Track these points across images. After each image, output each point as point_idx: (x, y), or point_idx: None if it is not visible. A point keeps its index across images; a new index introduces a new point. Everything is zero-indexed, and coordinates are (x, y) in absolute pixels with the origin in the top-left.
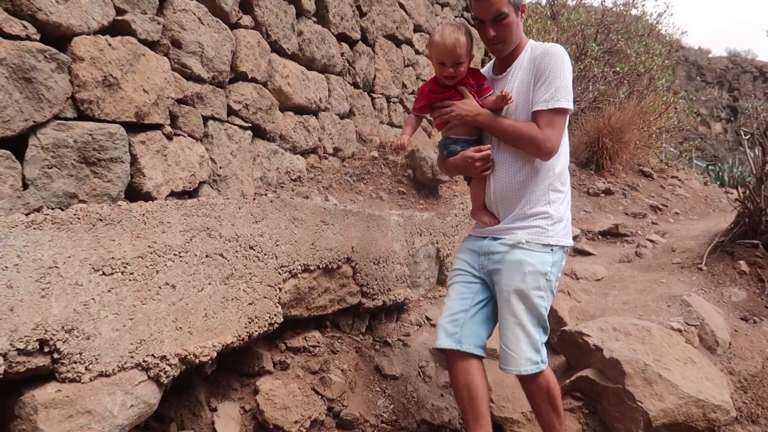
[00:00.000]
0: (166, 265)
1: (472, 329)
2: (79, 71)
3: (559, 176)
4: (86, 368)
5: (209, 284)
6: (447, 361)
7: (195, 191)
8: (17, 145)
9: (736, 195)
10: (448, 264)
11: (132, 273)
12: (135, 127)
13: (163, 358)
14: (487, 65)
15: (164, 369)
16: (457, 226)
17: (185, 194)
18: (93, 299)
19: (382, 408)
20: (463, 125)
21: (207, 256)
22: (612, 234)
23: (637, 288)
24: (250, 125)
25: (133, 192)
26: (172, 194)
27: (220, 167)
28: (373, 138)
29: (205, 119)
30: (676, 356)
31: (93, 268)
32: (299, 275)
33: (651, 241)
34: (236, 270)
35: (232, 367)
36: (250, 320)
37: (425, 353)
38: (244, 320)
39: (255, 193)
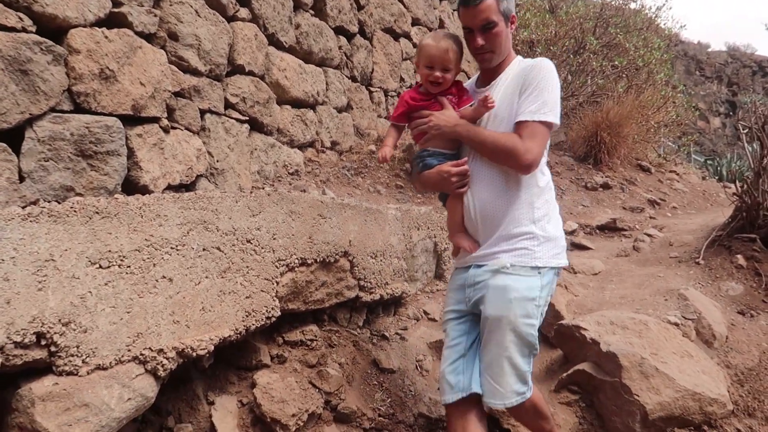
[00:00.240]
0: (163, 259)
1: (475, 375)
2: (76, 63)
3: (544, 193)
4: (83, 361)
5: (206, 278)
6: (446, 413)
7: (192, 185)
8: (13, 138)
9: (734, 189)
10: (446, 258)
11: (129, 266)
12: (132, 120)
13: (161, 352)
14: (471, 80)
15: (161, 362)
16: None
17: (182, 187)
18: (90, 292)
19: (380, 402)
20: (441, 137)
21: (204, 250)
22: (610, 228)
23: (635, 282)
24: (248, 119)
25: (130, 185)
26: (169, 187)
27: (218, 161)
28: (371, 132)
29: (203, 112)
30: (673, 350)
31: (90, 261)
32: (296, 269)
33: (649, 236)
34: (233, 263)
35: (230, 361)
36: (248, 314)
37: (422, 347)
38: (242, 314)
39: (252, 187)
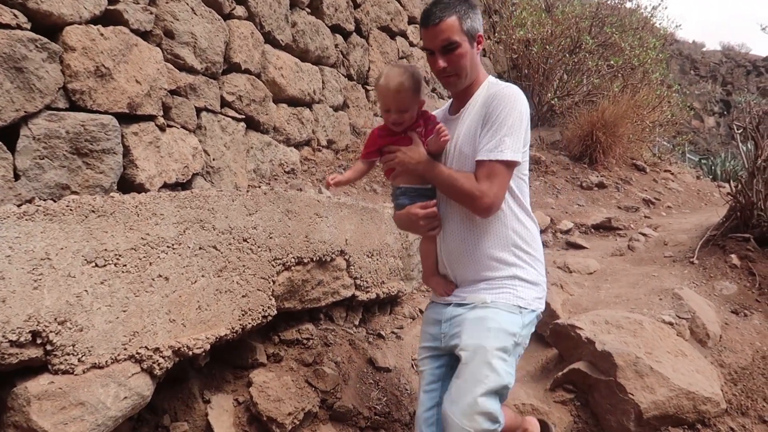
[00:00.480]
0: (160, 257)
1: None
2: (71, 61)
3: (522, 233)
4: (79, 360)
5: (203, 276)
6: None
7: (188, 183)
8: (9, 136)
9: (729, 189)
10: None
11: (125, 265)
12: (127, 118)
13: (157, 350)
14: (445, 105)
15: (158, 361)
16: None
17: (178, 186)
18: (86, 291)
19: (376, 400)
20: (408, 173)
21: (200, 249)
22: (605, 227)
23: (630, 281)
24: (244, 117)
25: (126, 183)
26: (165, 186)
27: (214, 159)
28: (367, 130)
29: (198, 111)
30: (668, 349)
31: (86, 260)
32: (293, 268)
33: (643, 235)
34: (230, 262)
35: (226, 360)
36: (244, 312)
37: (418, 346)
38: (238, 312)
39: (248, 186)
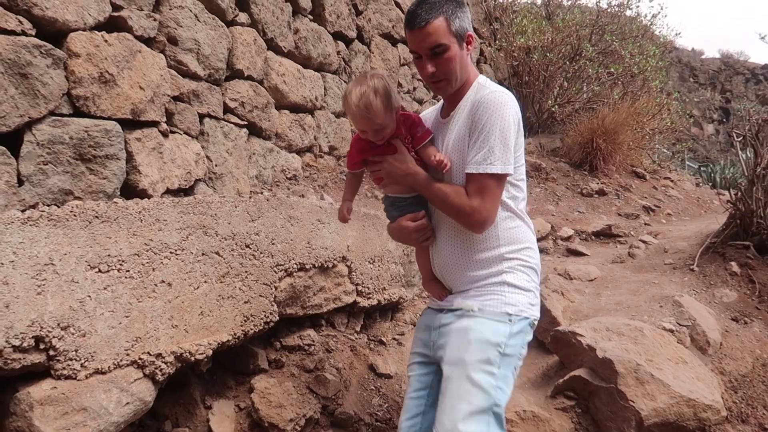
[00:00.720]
0: (162, 263)
1: None
2: (75, 67)
3: (513, 239)
4: (82, 365)
5: (205, 282)
6: None
7: (191, 189)
8: (13, 141)
9: (728, 197)
10: None
11: (128, 270)
12: (131, 124)
13: (159, 356)
14: (437, 105)
15: (160, 367)
16: None
17: (181, 192)
18: (89, 296)
19: (377, 407)
20: (396, 184)
21: (203, 254)
22: (605, 234)
23: (630, 288)
24: (246, 123)
25: (129, 189)
26: (168, 192)
27: (216, 165)
28: None
29: (201, 117)
30: (668, 356)
31: (89, 266)
32: (295, 274)
33: (644, 242)
34: (232, 268)
35: (228, 366)
36: (246, 318)
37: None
38: (240, 318)
39: (251, 192)
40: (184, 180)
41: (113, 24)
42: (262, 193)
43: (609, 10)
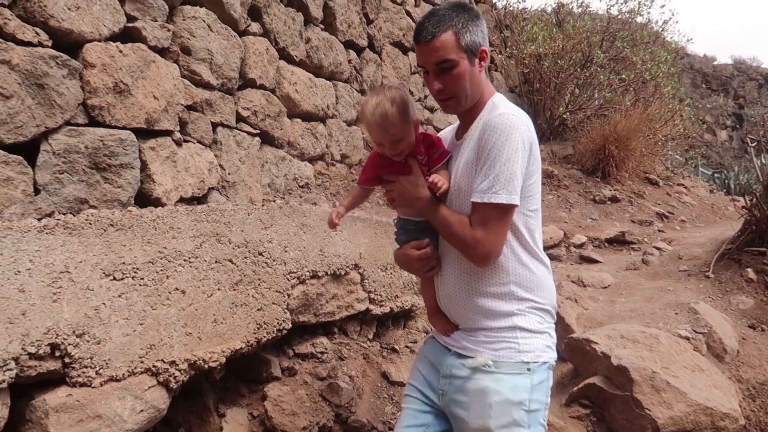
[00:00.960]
0: (176, 271)
1: None
2: (91, 77)
3: (524, 278)
4: (97, 373)
5: (218, 290)
6: None
7: (204, 197)
8: (29, 151)
9: (743, 203)
10: None
11: (142, 278)
12: (145, 134)
13: (173, 363)
14: (454, 125)
15: (174, 374)
16: None
17: (194, 200)
18: (104, 304)
19: (390, 415)
20: (406, 207)
21: (216, 262)
22: (618, 241)
23: (644, 295)
24: (259, 132)
25: (143, 198)
26: (182, 200)
27: (229, 174)
28: None
29: (214, 126)
30: (684, 364)
31: (104, 273)
32: (307, 281)
33: (658, 249)
34: (245, 276)
35: (241, 373)
36: (259, 326)
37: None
38: (253, 326)
39: (263, 200)
40: (198, 188)
41: (128, 35)
42: (275, 201)
43: (620, 17)
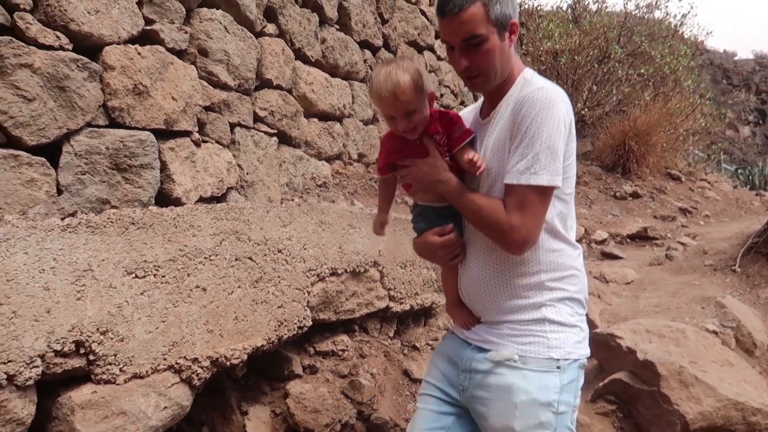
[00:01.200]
0: (197, 269)
1: None
2: (110, 80)
3: (556, 266)
4: (121, 370)
5: (239, 287)
6: None
7: (223, 197)
8: (52, 153)
9: None
10: None
11: (164, 276)
12: (164, 134)
13: (195, 361)
14: (477, 103)
15: (196, 371)
16: None
17: (213, 200)
18: (126, 302)
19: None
20: (426, 192)
21: (236, 260)
22: (641, 237)
23: (669, 290)
24: (276, 132)
25: (163, 198)
26: (201, 200)
27: (247, 173)
28: None
29: (232, 126)
30: (713, 358)
31: (126, 271)
32: (327, 279)
33: (682, 244)
34: (265, 273)
35: (262, 371)
36: (280, 323)
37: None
38: (274, 323)
39: (281, 199)
40: (217, 188)
41: (146, 37)
42: (293, 200)
43: (637, 12)
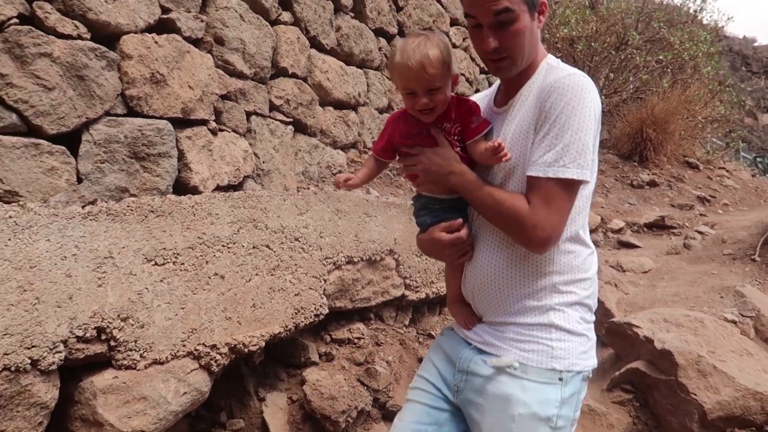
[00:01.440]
0: (215, 256)
1: None
2: (128, 68)
3: (568, 267)
4: (141, 356)
5: (256, 275)
6: None
7: (239, 185)
8: (71, 141)
9: None
10: None
11: (183, 263)
12: (181, 123)
13: (214, 347)
14: (490, 89)
15: (215, 358)
16: None
17: (230, 188)
18: (146, 288)
19: None
20: (434, 183)
21: (254, 248)
22: (658, 226)
23: (687, 280)
24: (292, 120)
25: (180, 186)
26: (218, 188)
27: (263, 162)
28: None
29: (248, 114)
30: (731, 348)
31: (146, 258)
32: (343, 267)
33: (700, 233)
34: (282, 261)
35: (279, 358)
36: (297, 311)
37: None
38: (291, 311)
39: (297, 188)
40: (233, 177)
41: (162, 26)
42: (309, 189)
43: None
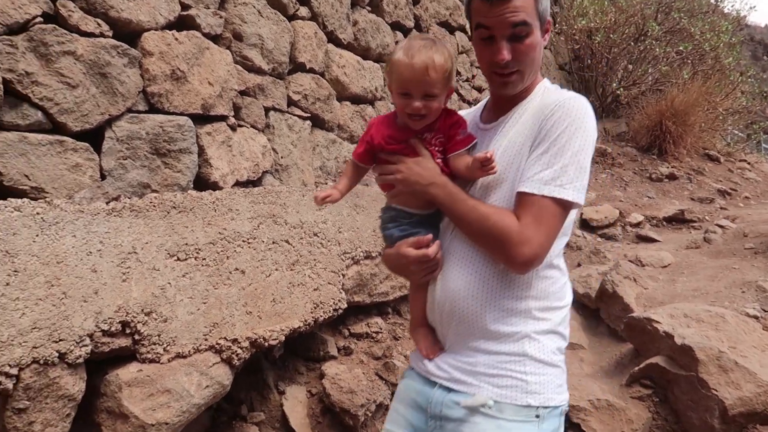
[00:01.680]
0: (236, 251)
1: None
2: (149, 65)
3: (544, 292)
4: (164, 349)
5: (276, 270)
6: None
7: (258, 181)
8: (94, 138)
9: None
10: None
11: (204, 258)
12: (201, 119)
13: (235, 341)
14: (475, 107)
15: (236, 351)
16: None
17: (249, 184)
18: (169, 283)
19: None
20: (412, 195)
21: (274, 243)
22: (677, 220)
23: (708, 274)
24: (309, 115)
25: (201, 182)
26: (237, 184)
27: (282, 157)
28: None
29: (267, 110)
30: (753, 343)
31: (168, 254)
32: (361, 261)
33: (720, 227)
34: (301, 256)
35: (298, 352)
36: (316, 305)
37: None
38: (310, 305)
39: (315, 183)
40: (252, 172)
41: (182, 23)
42: (327, 184)
43: None
